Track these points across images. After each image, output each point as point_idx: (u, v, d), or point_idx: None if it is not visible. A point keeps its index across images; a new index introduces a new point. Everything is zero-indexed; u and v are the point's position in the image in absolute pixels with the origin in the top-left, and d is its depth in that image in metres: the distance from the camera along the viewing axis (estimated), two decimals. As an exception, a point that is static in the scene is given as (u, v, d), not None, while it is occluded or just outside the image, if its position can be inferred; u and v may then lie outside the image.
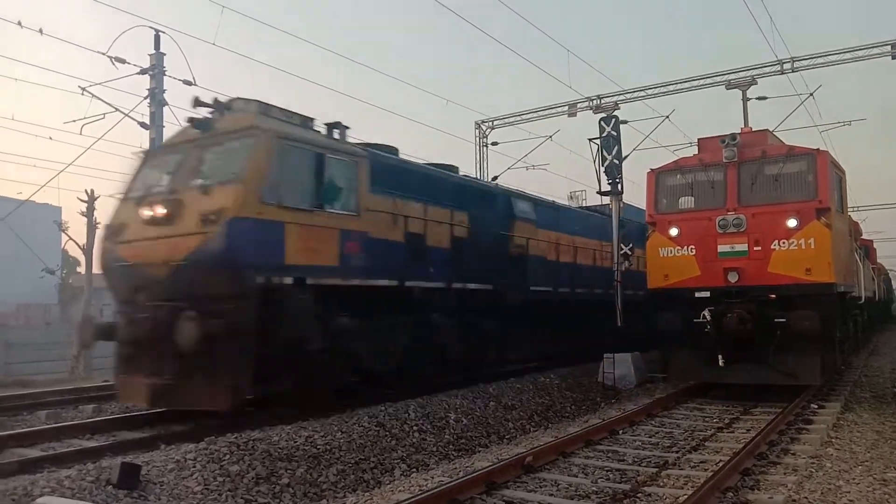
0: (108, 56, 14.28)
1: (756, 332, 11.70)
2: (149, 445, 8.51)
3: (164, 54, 18.89)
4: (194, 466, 7.24)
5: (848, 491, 6.43)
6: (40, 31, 11.32)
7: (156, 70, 18.89)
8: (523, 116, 25.78)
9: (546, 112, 25.09)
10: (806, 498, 6.29)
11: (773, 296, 11.73)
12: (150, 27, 18.50)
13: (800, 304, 11.43)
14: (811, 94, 21.01)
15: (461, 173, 16.09)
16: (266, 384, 9.48)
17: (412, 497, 6.22)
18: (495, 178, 22.24)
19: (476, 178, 20.94)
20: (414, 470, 8.65)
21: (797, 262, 11.63)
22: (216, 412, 9.35)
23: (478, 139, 26.94)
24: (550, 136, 24.24)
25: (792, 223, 11.74)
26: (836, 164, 13.06)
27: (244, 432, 8.45)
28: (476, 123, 26.98)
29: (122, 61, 17.37)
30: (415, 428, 9.84)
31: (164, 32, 18.66)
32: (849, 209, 16.58)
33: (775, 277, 11.75)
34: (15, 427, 10.34)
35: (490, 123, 26.82)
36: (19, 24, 10.87)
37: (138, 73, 18.41)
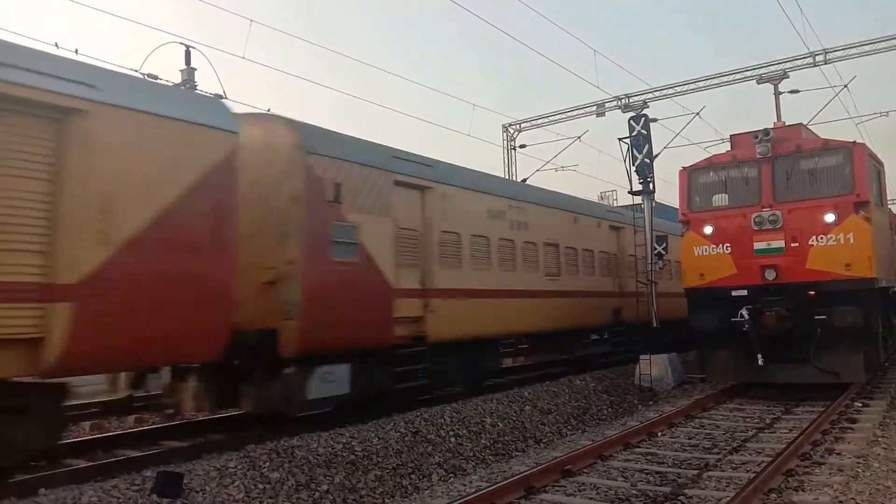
0: (141, 73, 14.57)
1: (795, 330, 11.50)
2: (191, 454, 8.64)
3: (195, 69, 19.23)
4: (235, 474, 7.35)
5: (897, 491, 6.29)
6: (76, 51, 11.63)
7: (187, 84, 19.26)
8: (551, 118, 25.65)
9: (574, 113, 24.93)
10: (853, 499, 6.17)
11: (813, 293, 11.52)
12: (181, 43, 18.88)
13: (840, 301, 11.21)
14: (845, 86, 20.58)
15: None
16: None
17: (451, 502, 6.24)
18: (524, 180, 22.21)
19: None
20: (451, 475, 8.67)
21: (836, 257, 11.41)
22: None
23: (505, 142, 26.89)
24: (579, 137, 24.09)
25: (830, 218, 11.52)
26: (874, 157, 12.79)
27: (283, 439, 8.55)
28: (503, 127, 26.94)
29: (155, 77, 17.74)
30: (451, 433, 9.86)
31: (194, 48, 19.02)
32: (888, 202, 16.20)
33: (814, 274, 11.54)
34: (61, 437, 10.58)
35: (518, 126, 26.76)
36: (56, 45, 11.16)
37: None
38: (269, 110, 11.62)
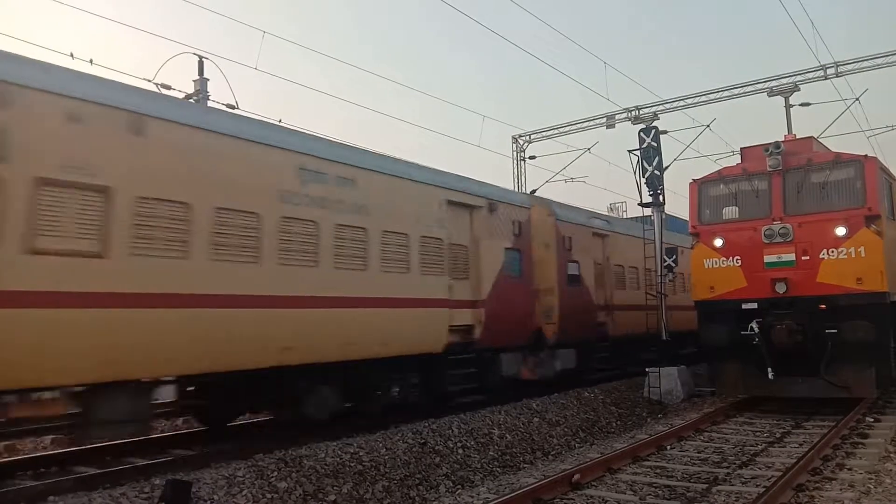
0: (155, 83, 14.73)
1: (806, 344, 11.43)
2: (199, 463, 8.67)
3: (208, 80, 19.41)
4: (243, 483, 7.36)
5: (909, 508, 6.23)
6: (90, 61, 11.80)
7: (200, 95, 19.42)
8: (560, 129, 25.65)
9: (584, 124, 24.95)
10: (864, 515, 6.11)
11: (823, 306, 11.45)
12: (195, 54, 19.05)
13: (851, 315, 11.14)
14: (857, 99, 20.49)
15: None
16: None
17: (459, 514, 6.22)
18: (534, 191, 22.23)
19: None
20: (459, 486, 8.65)
21: (847, 271, 11.35)
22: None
23: (515, 153, 26.92)
24: (588, 149, 24.11)
25: (841, 231, 11.47)
26: (886, 170, 12.74)
27: (291, 449, 8.56)
28: (513, 138, 26.98)
29: (168, 87, 17.92)
30: (459, 444, 9.84)
31: (207, 59, 19.19)
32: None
33: (825, 287, 11.48)
34: (70, 445, 10.64)
35: (527, 137, 26.79)
36: (71, 55, 11.33)
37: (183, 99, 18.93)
38: (280, 121, 11.76)
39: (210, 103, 19.65)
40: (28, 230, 6.89)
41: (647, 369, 15.11)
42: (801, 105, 21.19)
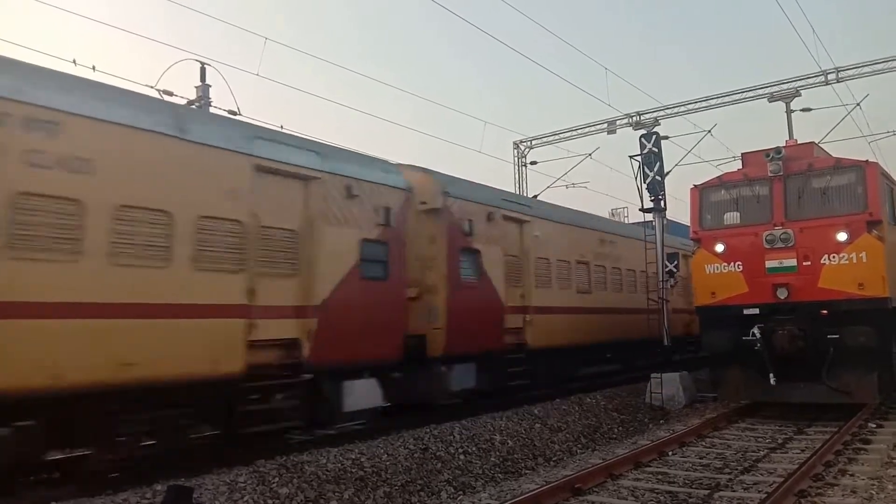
0: (157, 89, 14.77)
1: (808, 349, 11.42)
2: (201, 468, 8.66)
3: (210, 86, 19.46)
4: (245, 489, 7.36)
5: (911, 514, 6.22)
6: (93, 67, 11.82)
7: (202, 101, 19.46)
8: (562, 135, 25.73)
9: (585, 130, 25.02)
10: (867, 521, 6.10)
11: (825, 312, 11.45)
12: (197, 60, 19.09)
13: (853, 320, 11.12)
14: (858, 105, 20.54)
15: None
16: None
17: (460, 520, 6.22)
18: (535, 196, 22.24)
19: None
20: (461, 492, 8.63)
21: (849, 276, 11.34)
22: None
23: (516, 159, 26.98)
24: (590, 154, 24.17)
25: (842, 237, 11.47)
26: (887, 175, 12.74)
27: (292, 455, 8.56)
28: (514, 143, 27.03)
29: (170, 94, 17.97)
30: (460, 450, 9.83)
31: (209, 65, 19.24)
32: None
33: (826, 293, 11.47)
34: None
35: (528, 143, 26.85)
36: (74, 62, 11.34)
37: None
38: (281, 127, 11.75)
39: (212, 109, 19.71)
40: None
41: (651, 375, 15.06)
42: (802, 110, 21.24)
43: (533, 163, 26.76)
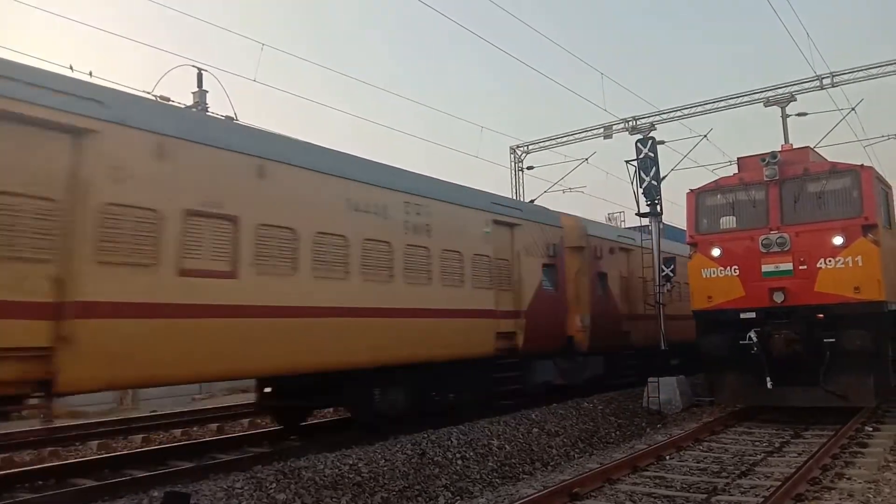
0: (154, 95, 14.77)
1: (805, 353, 11.45)
2: (198, 474, 8.65)
3: (207, 91, 19.44)
4: (242, 495, 7.34)
5: (908, 517, 6.23)
6: (90, 73, 11.83)
7: (199, 107, 19.45)
8: (558, 140, 25.74)
9: (581, 135, 25.05)
10: (864, 524, 6.10)
11: (821, 316, 11.47)
12: (194, 66, 19.08)
13: (849, 324, 11.16)
14: (853, 109, 20.57)
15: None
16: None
17: (458, 525, 6.21)
18: (532, 201, 22.27)
19: None
20: (458, 498, 8.63)
21: (845, 280, 11.38)
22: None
23: (513, 164, 27.00)
24: (586, 159, 24.16)
25: (838, 241, 11.51)
26: (882, 180, 12.79)
27: (290, 460, 8.54)
28: (511, 148, 27.06)
29: (167, 99, 17.98)
30: (458, 455, 9.82)
31: (206, 71, 19.22)
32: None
33: (823, 297, 11.50)
34: (68, 457, 10.62)
35: (525, 148, 26.87)
36: (70, 67, 11.34)
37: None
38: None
39: (209, 114, 19.68)
40: None
41: (649, 379, 15.09)
42: (798, 115, 21.25)
43: (530, 167, 26.78)
